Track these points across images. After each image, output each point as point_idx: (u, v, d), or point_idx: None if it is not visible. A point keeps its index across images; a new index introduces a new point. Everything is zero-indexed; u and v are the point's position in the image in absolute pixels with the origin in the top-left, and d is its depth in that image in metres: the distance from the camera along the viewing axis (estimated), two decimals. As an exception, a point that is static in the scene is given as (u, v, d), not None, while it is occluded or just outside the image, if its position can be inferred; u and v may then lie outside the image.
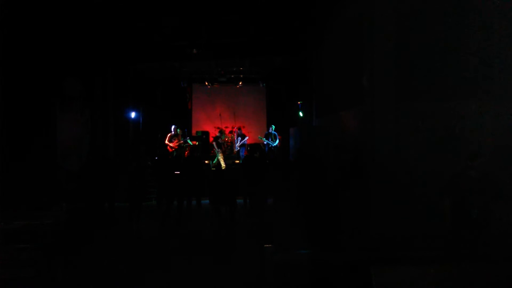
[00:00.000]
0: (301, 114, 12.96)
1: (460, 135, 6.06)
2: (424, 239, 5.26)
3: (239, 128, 13.82)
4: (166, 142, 11.99)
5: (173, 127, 12.12)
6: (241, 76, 14.54)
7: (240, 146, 13.20)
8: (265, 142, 12.49)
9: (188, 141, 12.49)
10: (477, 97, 6.09)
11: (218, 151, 11.93)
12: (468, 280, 3.46)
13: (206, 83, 14.95)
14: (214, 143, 12.48)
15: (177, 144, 11.99)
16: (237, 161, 12.48)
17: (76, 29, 9.04)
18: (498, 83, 5.99)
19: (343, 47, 8.53)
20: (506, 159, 5.83)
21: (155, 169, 9.20)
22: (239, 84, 14.93)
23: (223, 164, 11.53)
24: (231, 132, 14.59)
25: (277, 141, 12.42)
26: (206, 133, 14.25)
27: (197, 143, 13.22)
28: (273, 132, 12.52)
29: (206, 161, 11.92)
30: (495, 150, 5.91)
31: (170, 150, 11.95)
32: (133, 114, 12.47)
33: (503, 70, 5.98)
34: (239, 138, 13.33)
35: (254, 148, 11.58)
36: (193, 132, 14.82)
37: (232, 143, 14.08)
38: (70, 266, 5.26)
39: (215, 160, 11.95)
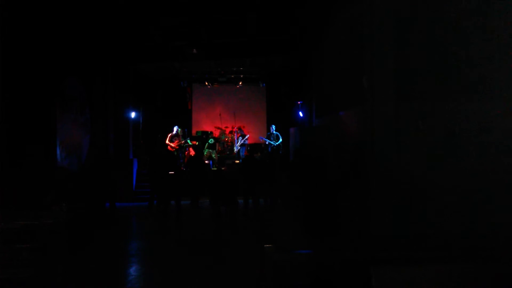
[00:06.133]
0: (301, 114, 12.96)
1: (460, 135, 6.06)
2: (424, 239, 5.26)
3: (240, 128, 13.81)
4: (167, 142, 11.98)
5: (175, 127, 12.13)
6: (241, 76, 14.54)
7: (240, 146, 13.20)
8: (266, 142, 12.49)
9: (188, 141, 12.50)
10: (477, 97, 6.09)
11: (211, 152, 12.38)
12: (468, 280, 3.46)
13: (206, 83, 14.95)
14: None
15: (178, 144, 12.00)
16: (237, 161, 12.49)
17: (76, 29, 9.04)
18: (498, 82, 6.00)
19: (343, 47, 8.53)
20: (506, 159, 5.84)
21: (154, 168, 9.19)
22: (239, 84, 14.93)
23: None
24: (231, 132, 14.59)
25: (280, 140, 12.42)
26: (206, 133, 14.23)
27: (197, 143, 13.24)
28: (274, 132, 12.52)
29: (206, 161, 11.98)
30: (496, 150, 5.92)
31: (171, 150, 11.95)
32: (133, 114, 12.47)
33: (503, 69, 5.98)
34: (240, 138, 13.34)
35: (254, 148, 11.61)
36: (193, 132, 14.82)
37: (232, 143, 14.08)
38: (69, 266, 5.26)
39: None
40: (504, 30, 5.99)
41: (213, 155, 12.88)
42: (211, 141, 13.03)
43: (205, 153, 12.68)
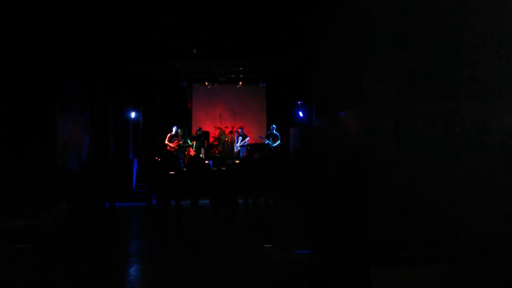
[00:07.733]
0: (301, 114, 12.96)
1: (460, 135, 6.06)
2: (423, 239, 5.26)
3: (241, 128, 13.79)
4: (166, 142, 11.99)
5: (174, 128, 12.13)
6: (241, 76, 14.54)
7: (240, 147, 13.20)
8: (266, 142, 12.48)
9: (188, 141, 12.49)
10: (477, 97, 6.10)
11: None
12: (468, 280, 3.46)
13: (206, 83, 14.95)
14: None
15: (177, 144, 12.00)
16: (237, 161, 12.49)
17: (76, 29, 9.04)
18: (498, 83, 6.00)
19: (343, 47, 8.53)
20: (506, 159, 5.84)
21: (154, 169, 9.19)
22: (239, 84, 14.93)
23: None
24: (231, 132, 14.59)
25: (279, 141, 12.38)
26: (205, 133, 14.21)
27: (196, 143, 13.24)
28: (274, 132, 12.50)
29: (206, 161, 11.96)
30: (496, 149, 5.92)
31: (170, 150, 11.95)
32: (133, 114, 12.47)
33: (503, 70, 5.98)
34: (240, 138, 13.32)
35: (254, 149, 11.61)
36: (193, 132, 14.81)
37: (232, 143, 14.07)
38: (69, 266, 5.26)
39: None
40: (504, 30, 5.99)
41: (201, 153, 12.75)
42: (189, 141, 12.70)
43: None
